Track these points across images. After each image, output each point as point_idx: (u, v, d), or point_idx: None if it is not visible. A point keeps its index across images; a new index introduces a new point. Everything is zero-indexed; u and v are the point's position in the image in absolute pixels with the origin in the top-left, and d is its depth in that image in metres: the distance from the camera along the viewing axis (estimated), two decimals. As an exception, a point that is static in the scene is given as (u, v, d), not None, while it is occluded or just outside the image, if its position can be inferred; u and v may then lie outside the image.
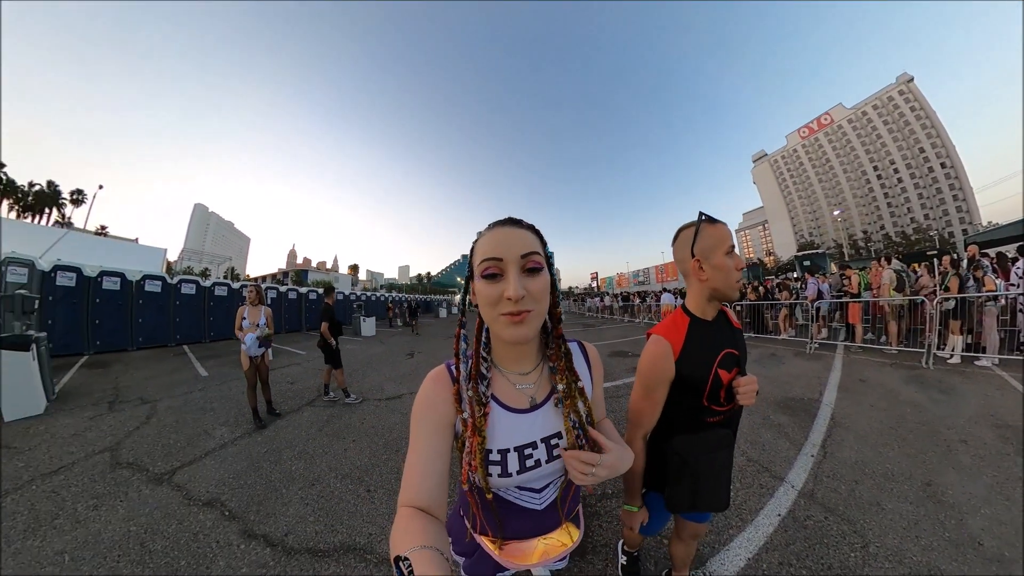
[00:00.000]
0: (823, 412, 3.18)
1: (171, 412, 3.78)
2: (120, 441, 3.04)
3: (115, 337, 7.43)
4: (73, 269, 7.18)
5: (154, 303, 8.44)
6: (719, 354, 0.96)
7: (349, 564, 1.67)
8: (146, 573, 1.62)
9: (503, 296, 0.59)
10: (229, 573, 1.63)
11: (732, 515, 1.88)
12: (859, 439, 2.62)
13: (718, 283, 0.94)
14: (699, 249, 0.95)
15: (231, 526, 1.97)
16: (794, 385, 4.04)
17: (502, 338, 0.63)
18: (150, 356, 6.97)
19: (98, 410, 3.76)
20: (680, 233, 1.00)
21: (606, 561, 1.60)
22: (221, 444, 3.04)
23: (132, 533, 1.89)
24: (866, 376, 4.18)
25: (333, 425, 3.49)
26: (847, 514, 1.81)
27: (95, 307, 7.31)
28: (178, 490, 2.33)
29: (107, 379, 5.05)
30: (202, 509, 2.13)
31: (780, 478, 2.19)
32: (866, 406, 3.25)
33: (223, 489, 2.34)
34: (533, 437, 0.68)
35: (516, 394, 0.70)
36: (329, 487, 2.36)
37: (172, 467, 2.62)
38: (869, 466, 2.25)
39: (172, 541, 1.84)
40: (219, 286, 10.30)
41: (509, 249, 0.60)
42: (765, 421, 3.09)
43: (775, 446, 2.63)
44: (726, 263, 0.92)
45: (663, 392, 0.95)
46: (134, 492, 2.29)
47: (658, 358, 0.94)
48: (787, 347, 6.32)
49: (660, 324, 1.00)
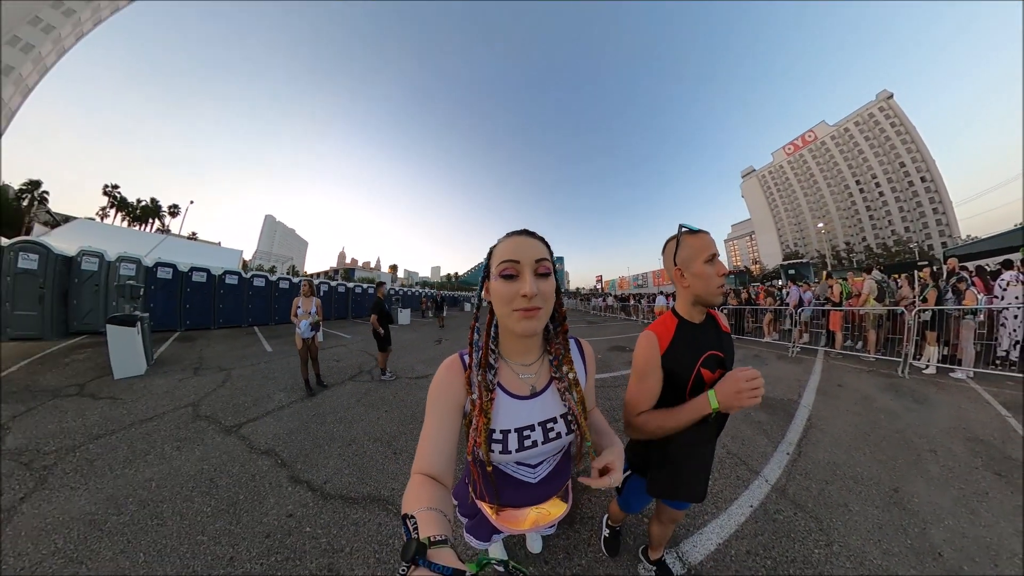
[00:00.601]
0: (801, 413, 3.10)
1: (242, 379, 4.13)
2: (201, 399, 3.37)
3: (201, 318, 8.34)
4: (170, 265, 8.21)
5: (232, 293, 9.36)
6: (703, 355, 0.96)
7: (374, 511, 1.74)
8: (213, 502, 1.78)
9: (518, 294, 0.63)
10: (276, 508, 1.75)
11: (708, 502, 1.87)
12: (833, 441, 2.54)
13: (699, 289, 0.94)
14: (680, 259, 0.95)
15: (282, 472, 2.11)
16: (775, 386, 3.91)
17: (514, 331, 0.66)
18: (227, 334, 7.69)
19: (185, 374, 4.19)
20: (666, 245, 1.01)
21: (591, 532, 1.63)
22: (279, 406, 3.27)
23: (204, 471, 2.08)
24: (844, 381, 4.04)
25: (370, 397, 3.64)
26: (815, 512, 1.76)
27: (186, 295, 8.26)
28: (243, 440, 2.53)
29: (193, 351, 5.62)
30: (260, 456, 2.29)
31: (756, 472, 2.15)
32: (842, 410, 3.14)
33: (278, 442, 2.51)
34: (532, 420, 0.72)
35: (519, 382, 0.74)
36: (363, 447, 2.46)
37: (239, 422, 2.86)
38: (840, 468, 2.17)
39: (235, 479, 2.00)
40: (283, 280, 11.23)
41: (525, 254, 0.65)
42: (746, 417, 3.01)
43: (753, 441, 2.56)
44: (705, 271, 0.92)
45: (654, 380, 0.95)
46: (209, 439, 2.52)
47: (646, 349, 0.96)
48: (771, 350, 6.15)
49: (654, 323, 1.02)
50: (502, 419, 0.70)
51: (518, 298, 0.63)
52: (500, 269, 0.65)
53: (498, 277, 0.65)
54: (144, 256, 8.11)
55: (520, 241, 0.67)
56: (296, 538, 1.54)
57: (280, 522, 1.64)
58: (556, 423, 0.73)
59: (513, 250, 0.65)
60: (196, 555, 1.42)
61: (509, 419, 0.70)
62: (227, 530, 1.57)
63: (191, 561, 1.40)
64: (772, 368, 4.80)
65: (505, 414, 0.70)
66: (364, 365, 5.20)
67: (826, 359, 5.22)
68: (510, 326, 0.66)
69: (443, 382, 0.70)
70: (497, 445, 0.69)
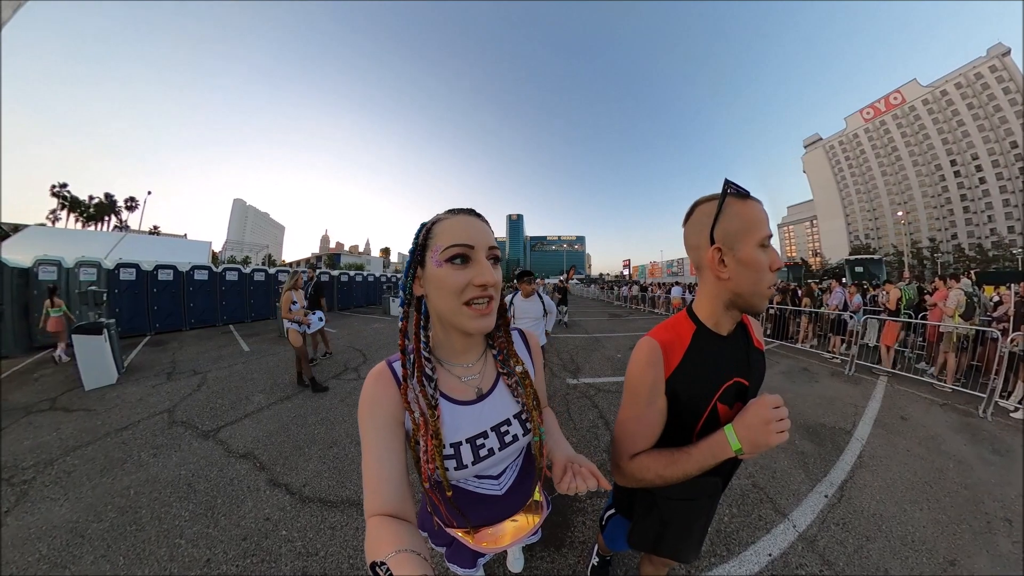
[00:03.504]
0: (851, 447, 2.87)
1: (218, 381, 4.33)
2: (176, 404, 3.56)
3: (171, 319, 8.54)
4: (132, 265, 8.33)
5: (203, 289, 9.51)
6: (724, 384, 0.75)
7: (352, 515, 1.93)
8: (191, 506, 1.97)
9: (472, 283, 0.59)
10: (254, 512, 1.94)
11: (718, 542, 1.77)
12: (885, 488, 2.31)
13: (744, 286, 0.69)
14: (722, 233, 0.69)
15: (260, 475, 2.30)
16: (826, 410, 3.69)
17: (465, 329, 0.62)
18: (201, 335, 7.93)
19: (158, 380, 4.38)
20: (696, 209, 0.75)
21: (579, 558, 1.66)
22: (258, 408, 3.47)
23: (182, 476, 2.27)
24: (909, 414, 3.67)
25: (354, 397, 3.82)
26: (847, 574, 1.62)
27: (153, 296, 8.42)
28: (221, 444, 2.72)
29: (166, 355, 5.82)
30: (239, 460, 2.49)
31: (783, 514, 2.01)
32: (902, 450, 2.87)
33: (257, 445, 2.71)
34: (483, 427, 0.69)
35: (462, 387, 0.70)
36: (344, 450, 2.65)
37: (217, 425, 3.05)
38: (888, 523, 1.97)
39: (213, 484, 2.19)
40: (257, 272, 11.31)
41: (479, 237, 0.61)
42: (787, 445, 2.84)
43: (788, 476, 2.41)
44: (758, 258, 0.68)
45: (655, 411, 0.75)
46: (186, 445, 2.71)
47: (646, 366, 0.74)
48: (822, 364, 5.71)
49: (659, 326, 0.80)
50: (450, 431, 0.66)
51: (470, 288, 0.59)
52: (448, 253, 0.59)
53: (443, 263, 0.60)
54: (104, 258, 8.21)
55: (473, 222, 0.63)
56: (272, 541, 1.72)
57: (257, 525, 1.83)
58: (511, 425, 0.71)
59: (466, 231, 0.61)
60: (174, 558, 1.61)
61: (458, 430, 0.67)
62: (204, 533, 1.76)
63: (168, 564, 1.58)
64: (823, 387, 4.53)
65: (453, 425, 0.67)
66: (350, 362, 5.40)
67: (891, 383, 4.73)
68: (460, 323, 0.62)
69: (374, 398, 0.64)
70: (450, 461, 0.66)
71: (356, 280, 16.24)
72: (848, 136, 79.24)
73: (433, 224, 0.64)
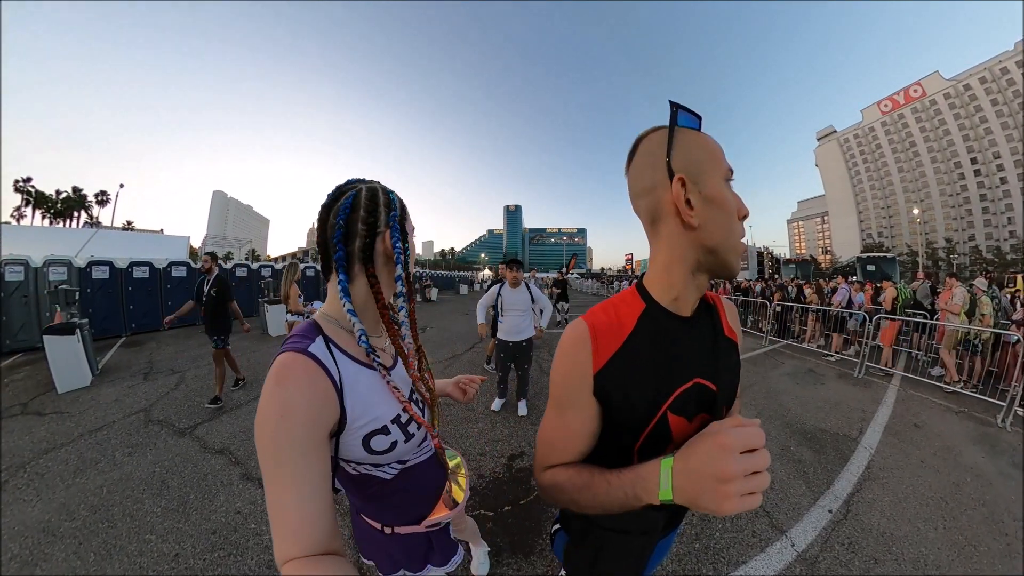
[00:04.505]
0: (858, 457, 2.70)
1: (197, 380, 4.35)
2: (152, 404, 3.58)
3: (148, 319, 8.38)
4: (105, 263, 8.09)
5: (181, 287, 9.33)
6: (680, 386, 0.55)
7: None
8: (163, 502, 2.03)
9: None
10: (226, 506, 2.01)
11: (705, 560, 1.66)
12: (896, 503, 2.14)
13: (717, 234, 0.52)
14: (681, 163, 0.52)
15: (234, 470, 2.37)
16: (831, 414, 3.52)
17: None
18: (179, 334, 7.86)
19: (135, 380, 4.38)
20: (640, 142, 0.57)
21: (547, 567, 1.64)
22: (236, 405, 3.52)
23: (156, 473, 2.33)
24: (923, 421, 3.47)
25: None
26: None
27: (128, 294, 8.26)
28: (197, 441, 2.77)
29: (142, 355, 5.79)
30: (214, 456, 2.55)
31: (781, 530, 1.87)
32: (915, 460, 2.69)
33: (233, 440, 2.77)
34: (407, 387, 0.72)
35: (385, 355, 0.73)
36: (321, 439, 2.72)
37: (194, 423, 3.10)
38: (899, 544, 1.81)
39: (186, 479, 2.25)
40: (239, 267, 11.14)
41: None
42: (784, 452, 2.70)
43: (787, 488, 2.25)
44: (728, 196, 0.53)
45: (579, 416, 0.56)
46: (161, 443, 2.75)
47: (568, 352, 0.55)
48: (830, 366, 5.49)
49: (598, 305, 0.60)
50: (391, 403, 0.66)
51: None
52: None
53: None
54: (74, 256, 7.99)
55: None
56: (240, 535, 1.80)
57: (228, 519, 1.90)
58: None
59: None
60: (143, 553, 1.68)
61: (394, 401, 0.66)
62: (175, 528, 1.83)
63: (138, 559, 1.65)
64: (830, 390, 4.36)
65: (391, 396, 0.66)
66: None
67: (903, 387, 4.52)
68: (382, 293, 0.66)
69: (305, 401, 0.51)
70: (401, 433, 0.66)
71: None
72: (864, 129, 77.65)
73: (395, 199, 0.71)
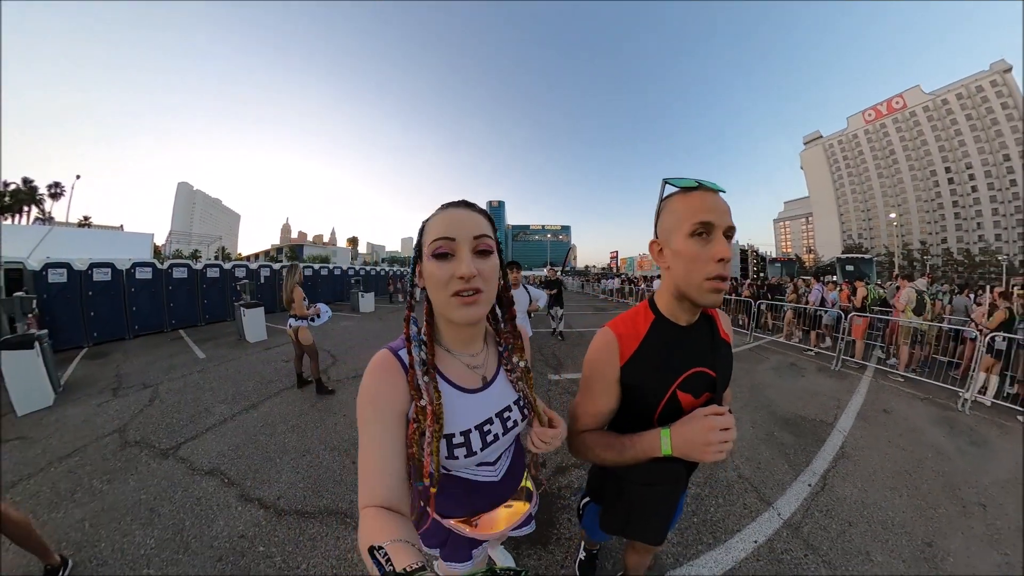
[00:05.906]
0: (833, 439, 3.08)
1: (172, 394, 4.13)
2: (127, 423, 3.38)
3: (111, 327, 7.79)
4: (63, 265, 7.33)
5: (146, 290, 8.75)
6: (683, 373, 0.81)
7: (331, 525, 1.97)
8: (156, 532, 1.93)
9: (453, 276, 0.62)
10: (227, 530, 1.93)
11: (705, 531, 1.91)
12: (866, 477, 2.50)
13: (678, 276, 0.76)
14: (661, 228, 0.79)
15: (230, 491, 2.28)
16: (809, 403, 3.95)
17: (453, 320, 0.66)
18: (147, 343, 7.41)
19: (103, 397, 4.11)
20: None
21: (566, 554, 1.77)
22: (221, 420, 3.36)
23: (143, 500, 2.21)
24: (892, 407, 3.97)
25: (326, 402, 3.80)
26: (830, 557, 1.76)
27: (89, 300, 7.60)
28: (182, 462, 2.64)
29: (108, 368, 5.43)
30: (204, 478, 2.44)
31: (768, 502, 2.18)
32: (883, 441, 3.10)
33: (223, 460, 2.66)
34: (489, 413, 0.75)
35: (469, 375, 0.76)
36: (319, 458, 2.66)
37: (176, 442, 2.95)
38: (869, 509, 2.15)
39: (178, 505, 2.15)
40: (211, 267, 10.54)
41: (461, 229, 0.64)
42: (768, 437, 3.05)
43: (771, 466, 2.59)
44: (688, 248, 0.72)
45: (604, 399, 0.85)
46: (143, 466, 2.61)
47: (600, 355, 0.83)
48: (809, 360, 6.10)
49: (620, 317, 0.87)
50: (460, 419, 0.71)
51: (454, 280, 0.62)
52: (433, 248, 0.64)
53: (430, 257, 0.64)
54: (27, 257, 7.33)
55: (455, 214, 0.66)
56: (250, 559, 1.74)
57: (232, 544, 1.84)
58: (511, 411, 0.78)
59: (447, 225, 0.64)
60: (143, 589, 1.60)
61: (467, 417, 0.72)
62: (174, 559, 1.75)
63: (138, 596, 1.57)
64: (809, 381, 4.83)
65: (463, 413, 0.71)
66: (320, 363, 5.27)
67: (875, 379, 5.11)
68: (448, 313, 0.66)
69: (379, 388, 0.66)
70: (461, 449, 0.70)
71: (322, 274, 15.62)
72: (848, 136, 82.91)
73: (427, 220, 0.69)
